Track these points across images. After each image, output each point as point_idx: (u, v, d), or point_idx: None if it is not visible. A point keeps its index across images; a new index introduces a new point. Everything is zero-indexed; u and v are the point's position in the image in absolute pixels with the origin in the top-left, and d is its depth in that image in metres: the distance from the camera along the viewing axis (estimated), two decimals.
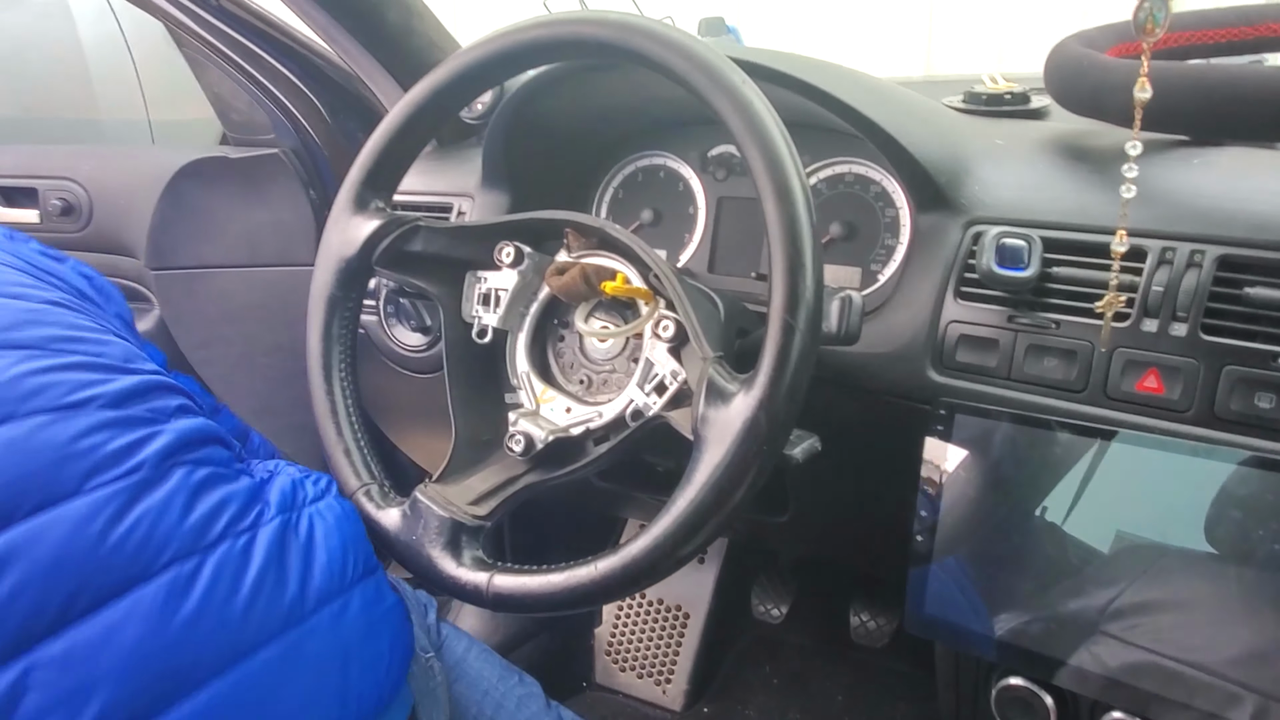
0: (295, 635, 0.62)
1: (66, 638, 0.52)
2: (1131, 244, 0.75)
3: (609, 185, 1.14)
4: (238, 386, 1.50)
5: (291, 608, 0.62)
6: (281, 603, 0.62)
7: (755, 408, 0.65)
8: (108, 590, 0.55)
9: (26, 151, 1.48)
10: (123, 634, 0.54)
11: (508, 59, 0.79)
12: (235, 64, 1.30)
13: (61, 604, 0.53)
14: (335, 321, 0.85)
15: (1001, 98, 1.03)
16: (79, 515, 0.55)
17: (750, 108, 0.69)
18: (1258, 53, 1.01)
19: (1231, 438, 0.70)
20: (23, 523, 0.54)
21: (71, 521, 0.55)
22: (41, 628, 0.52)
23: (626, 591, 0.71)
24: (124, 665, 0.53)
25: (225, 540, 0.61)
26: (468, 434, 0.84)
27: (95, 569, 0.55)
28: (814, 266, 0.66)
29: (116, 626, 0.54)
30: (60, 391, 0.60)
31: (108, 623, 0.54)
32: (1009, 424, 0.77)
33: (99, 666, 0.53)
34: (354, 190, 0.85)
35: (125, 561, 0.56)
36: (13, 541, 0.53)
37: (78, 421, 0.59)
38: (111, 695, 0.52)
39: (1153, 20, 0.61)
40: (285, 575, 0.63)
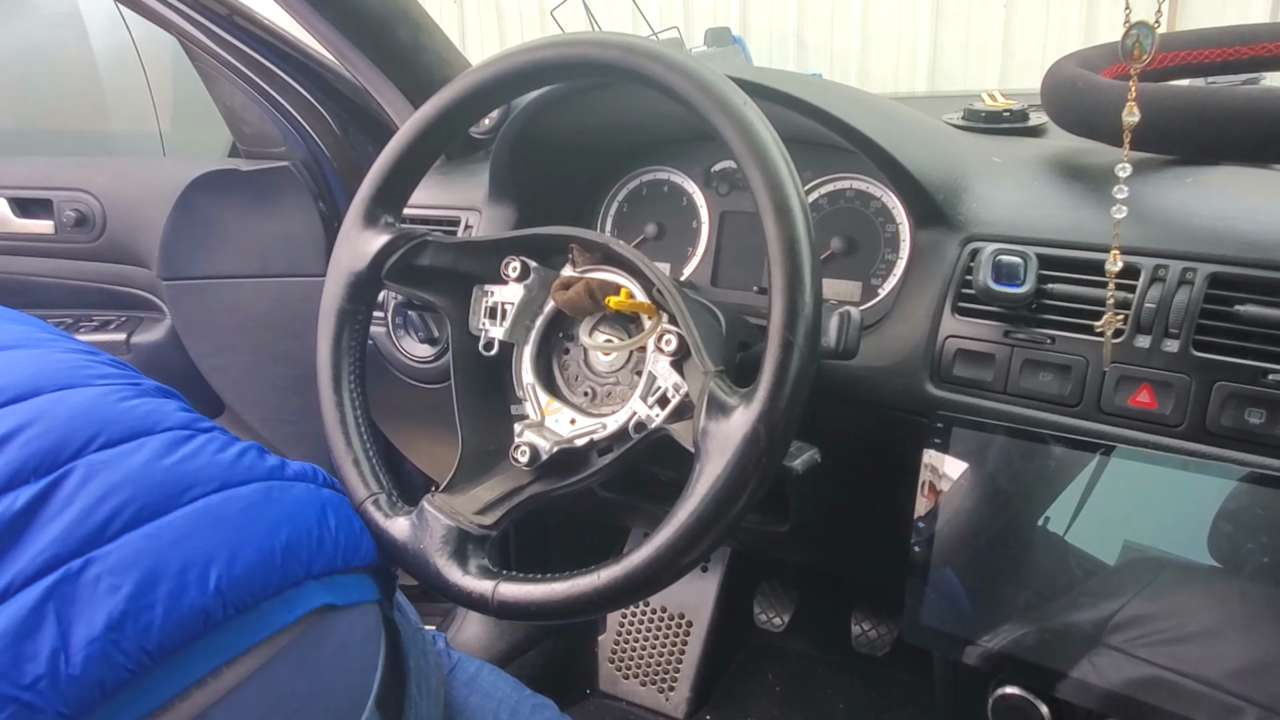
0: (276, 485, 0.72)
1: (87, 460, 0.63)
2: (1125, 262, 0.76)
3: (614, 199, 1.16)
4: (248, 394, 1.52)
5: (272, 471, 0.73)
6: (262, 466, 0.73)
7: (755, 421, 0.67)
8: (120, 436, 0.66)
9: (42, 164, 1.51)
10: (134, 459, 0.65)
11: (516, 79, 0.81)
12: (247, 78, 1.32)
13: (83, 441, 0.64)
14: (345, 333, 0.86)
15: (1000, 115, 1.05)
16: (95, 392, 0.69)
17: (751, 128, 0.71)
18: (1254, 72, 1.03)
19: (1223, 452, 0.72)
20: (48, 394, 0.67)
21: (89, 395, 0.69)
22: (68, 454, 0.63)
23: (629, 600, 0.72)
24: (136, 476, 0.64)
25: (215, 430, 0.74)
26: (474, 445, 0.86)
27: (110, 421, 0.67)
28: (812, 283, 0.68)
29: (129, 454, 0.65)
30: (88, 371, 0.73)
31: (122, 453, 0.65)
32: (1005, 437, 0.79)
33: (116, 475, 0.63)
34: (364, 206, 0.86)
35: (134, 420, 0.68)
36: (39, 405, 0.65)
37: (95, 369, 0.73)
38: (127, 495, 0.63)
39: (1140, 47, 0.62)
40: (265, 456, 0.74)
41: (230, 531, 0.65)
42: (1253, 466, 0.70)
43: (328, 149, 1.38)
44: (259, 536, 0.66)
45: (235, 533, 0.65)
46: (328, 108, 1.36)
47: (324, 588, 0.69)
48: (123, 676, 0.57)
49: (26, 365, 0.70)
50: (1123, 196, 0.65)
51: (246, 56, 1.32)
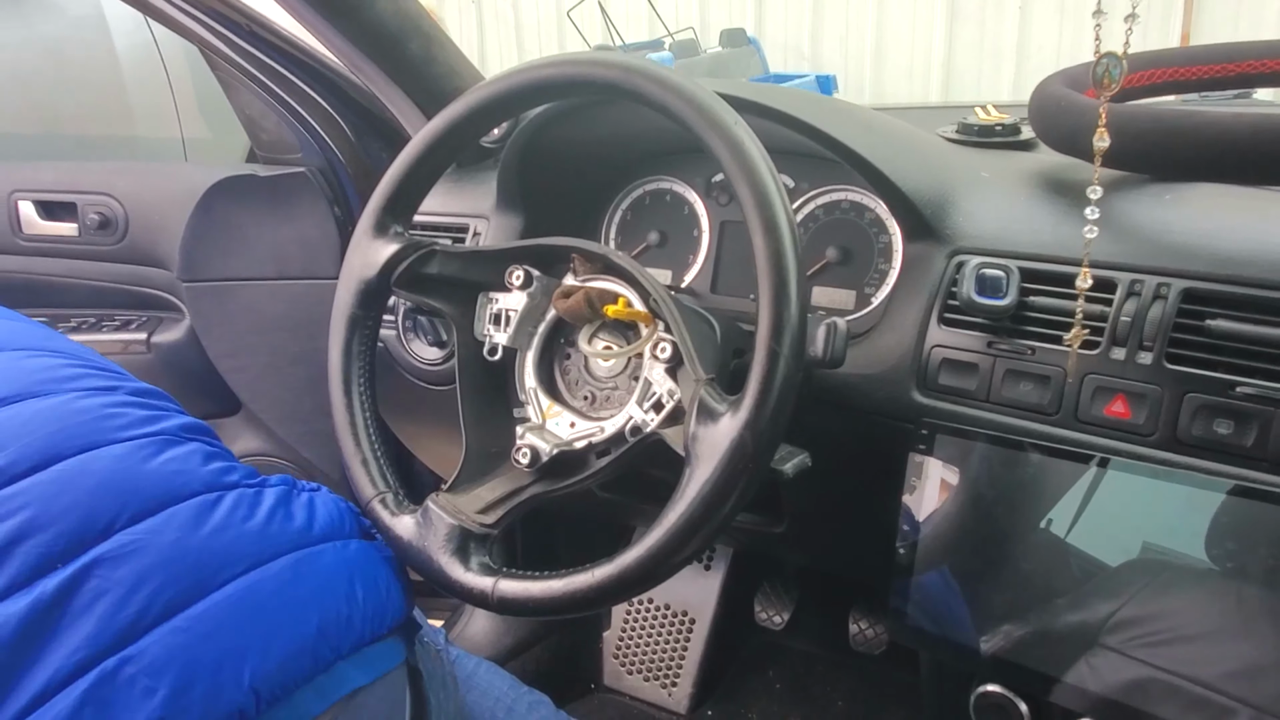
0: (305, 554, 0.72)
1: (116, 540, 0.62)
2: (1102, 276, 0.79)
3: (618, 208, 1.19)
4: (264, 394, 1.56)
5: (300, 535, 0.73)
6: (290, 529, 0.72)
7: (741, 428, 0.70)
8: (147, 508, 0.65)
9: (66, 168, 1.55)
10: (163, 537, 0.64)
11: (520, 96, 0.85)
12: (265, 86, 1.36)
13: (109, 518, 0.63)
14: (355, 339, 0.90)
15: (992, 129, 1.08)
16: (119, 453, 0.68)
17: (741, 147, 0.74)
18: (1242, 88, 1.05)
19: (1192, 461, 0.75)
20: (71, 459, 0.65)
21: (113, 457, 0.67)
22: (94, 534, 0.62)
23: (622, 597, 0.76)
24: (166, 558, 0.63)
25: (239, 487, 0.73)
26: (477, 446, 0.89)
27: (135, 491, 0.66)
28: (798, 297, 0.71)
29: (157, 530, 0.64)
30: (91, 381, 0.73)
31: (151, 529, 0.64)
32: (986, 444, 0.82)
33: (146, 558, 0.62)
34: (375, 216, 0.90)
35: (160, 487, 0.67)
36: (65, 470, 0.64)
37: (108, 397, 0.72)
38: (159, 582, 0.62)
39: (1109, 76, 0.65)
40: (292, 513, 0.74)
41: (263, 621, 0.65)
42: (1220, 475, 0.72)
43: (343, 155, 1.42)
44: (291, 624, 0.67)
45: (268, 622, 0.65)
46: (343, 115, 1.40)
47: (354, 666, 0.70)
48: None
49: (16, 376, 0.70)
50: (1094, 218, 0.68)
51: (265, 65, 1.36)
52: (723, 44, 6.32)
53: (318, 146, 1.40)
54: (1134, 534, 0.76)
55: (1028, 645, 0.82)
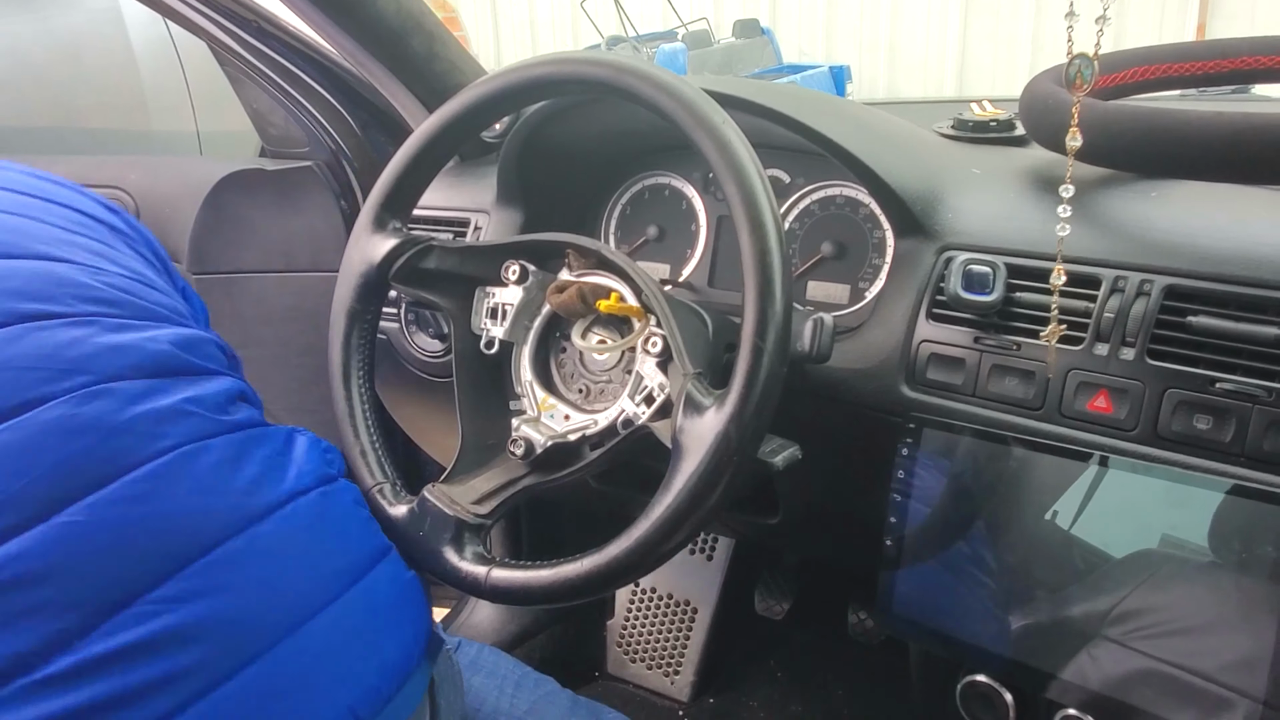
0: (364, 585, 0.71)
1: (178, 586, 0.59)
2: (1086, 271, 0.80)
3: (617, 203, 1.21)
4: (273, 385, 1.59)
5: (364, 554, 0.73)
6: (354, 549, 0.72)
7: (726, 421, 0.72)
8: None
9: (80, 162, 1.58)
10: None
11: (515, 94, 0.86)
12: (273, 82, 1.38)
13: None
14: (355, 333, 0.92)
15: (987, 125, 1.08)
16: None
17: (729, 146, 0.75)
18: (1236, 84, 1.06)
19: (1172, 455, 0.76)
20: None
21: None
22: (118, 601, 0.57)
23: (610, 587, 0.77)
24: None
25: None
26: (473, 438, 0.91)
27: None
28: (783, 293, 0.73)
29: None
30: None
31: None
32: (972, 438, 0.83)
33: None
34: (373, 212, 0.92)
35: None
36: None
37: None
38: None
39: (1081, 77, 0.66)
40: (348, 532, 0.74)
41: (343, 661, 0.66)
42: (1198, 470, 0.74)
43: (349, 149, 1.44)
44: (366, 658, 0.68)
45: (349, 662, 0.66)
46: (349, 110, 1.42)
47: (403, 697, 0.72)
48: None
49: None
50: (1065, 215, 0.69)
51: (273, 61, 1.37)
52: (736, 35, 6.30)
53: (324, 141, 1.42)
54: (1115, 527, 0.77)
55: (1013, 636, 0.83)
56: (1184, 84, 1.02)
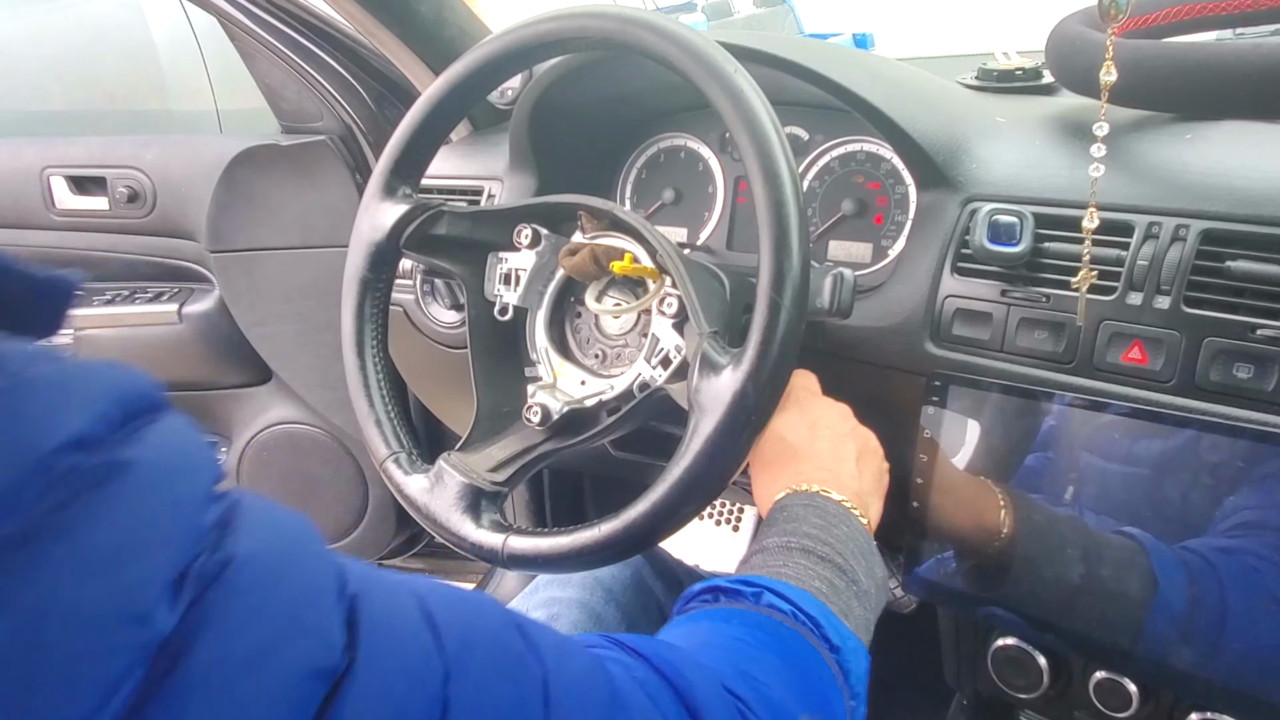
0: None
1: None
2: (1118, 218, 0.77)
3: (632, 166, 1.18)
4: (294, 362, 1.59)
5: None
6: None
7: (743, 380, 0.70)
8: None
9: (97, 143, 1.58)
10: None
11: (519, 53, 0.84)
12: (284, 55, 1.37)
13: None
14: (367, 301, 0.91)
15: (1012, 74, 1.05)
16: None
17: (741, 95, 0.73)
18: (1275, 23, 1.01)
19: (1211, 407, 0.73)
20: None
21: None
22: None
23: (629, 553, 0.76)
24: None
25: None
26: (489, 406, 0.90)
27: None
28: (799, 246, 0.70)
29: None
30: None
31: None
32: (1000, 395, 0.80)
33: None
34: (383, 179, 0.90)
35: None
36: None
37: None
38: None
39: (1116, 7, 0.63)
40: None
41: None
42: (1240, 421, 0.70)
43: (362, 122, 1.42)
44: None
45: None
46: (361, 81, 1.41)
47: None
48: None
49: None
50: (1100, 155, 0.66)
51: (283, 34, 1.36)
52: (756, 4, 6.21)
53: (337, 114, 1.41)
54: (1151, 484, 0.74)
55: (1045, 598, 0.80)
56: (1219, 24, 0.98)
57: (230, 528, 0.35)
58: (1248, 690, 0.71)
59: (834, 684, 0.60)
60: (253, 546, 0.35)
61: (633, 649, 0.54)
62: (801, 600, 0.62)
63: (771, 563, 0.67)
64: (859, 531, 0.72)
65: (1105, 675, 0.81)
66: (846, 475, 0.76)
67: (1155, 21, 0.89)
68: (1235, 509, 0.70)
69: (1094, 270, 0.71)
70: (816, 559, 0.68)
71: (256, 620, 0.34)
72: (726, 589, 0.64)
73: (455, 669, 0.40)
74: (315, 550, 0.39)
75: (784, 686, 0.56)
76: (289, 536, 0.38)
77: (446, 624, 0.42)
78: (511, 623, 0.46)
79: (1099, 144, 0.66)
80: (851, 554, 0.69)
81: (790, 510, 0.72)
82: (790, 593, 0.63)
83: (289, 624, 0.35)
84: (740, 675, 0.55)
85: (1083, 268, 0.71)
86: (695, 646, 0.59)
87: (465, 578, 1.79)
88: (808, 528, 0.69)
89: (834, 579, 0.67)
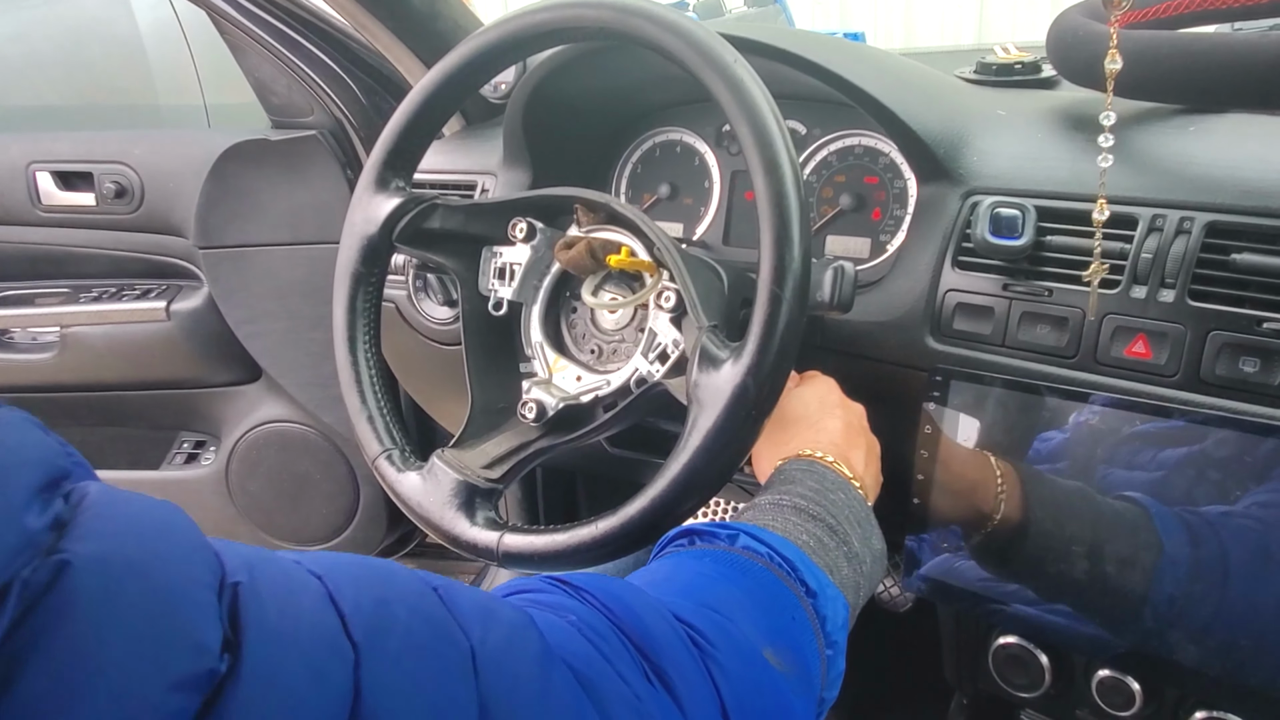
0: None
1: None
2: (1122, 211, 0.76)
3: (628, 161, 1.17)
4: (284, 360, 1.57)
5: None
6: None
7: (744, 374, 0.69)
8: None
9: (83, 138, 1.56)
10: None
11: (514, 43, 0.82)
12: (273, 48, 1.35)
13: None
14: (359, 296, 0.89)
15: (1012, 67, 1.04)
16: None
17: (741, 85, 0.71)
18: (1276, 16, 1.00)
19: (1216, 401, 0.72)
20: None
21: None
22: None
23: (626, 549, 0.74)
24: None
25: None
26: (483, 402, 0.88)
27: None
28: (800, 238, 0.69)
29: None
30: None
31: None
32: (1002, 390, 0.79)
33: None
34: (375, 171, 0.89)
35: None
36: None
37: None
38: None
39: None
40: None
41: None
42: (1246, 415, 0.69)
43: (353, 117, 1.41)
44: None
45: None
46: (352, 75, 1.39)
47: None
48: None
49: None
50: (1108, 145, 0.65)
51: (272, 27, 1.35)
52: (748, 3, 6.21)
53: (328, 108, 1.39)
54: (1156, 478, 0.73)
55: (1047, 596, 0.79)
56: (1219, 18, 0.97)
57: (70, 528, 0.31)
58: (1255, 686, 0.70)
59: (807, 627, 0.59)
60: (98, 548, 0.31)
61: (576, 586, 0.52)
62: (780, 545, 0.61)
63: (760, 517, 0.67)
64: (856, 500, 0.71)
65: (1108, 673, 0.81)
66: (853, 453, 0.76)
67: (1156, 15, 0.88)
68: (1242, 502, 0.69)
69: (1105, 264, 0.70)
70: (807, 516, 0.67)
71: (102, 633, 0.29)
72: (702, 532, 0.63)
73: (367, 652, 0.37)
74: (182, 542, 0.35)
75: (749, 621, 0.55)
76: (148, 531, 0.34)
77: (353, 603, 0.38)
78: (428, 589, 0.43)
79: (1106, 134, 0.65)
80: (846, 519, 0.68)
81: (787, 474, 0.72)
82: (769, 538, 0.62)
83: (145, 632, 0.31)
84: (700, 607, 0.53)
85: (1094, 260, 0.69)
86: (656, 582, 0.57)
87: (458, 577, 1.77)
88: (802, 489, 0.69)
89: (823, 536, 0.66)
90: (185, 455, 1.74)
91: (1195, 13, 0.95)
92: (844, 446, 0.76)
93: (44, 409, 1.57)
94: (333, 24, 1.37)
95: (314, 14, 1.36)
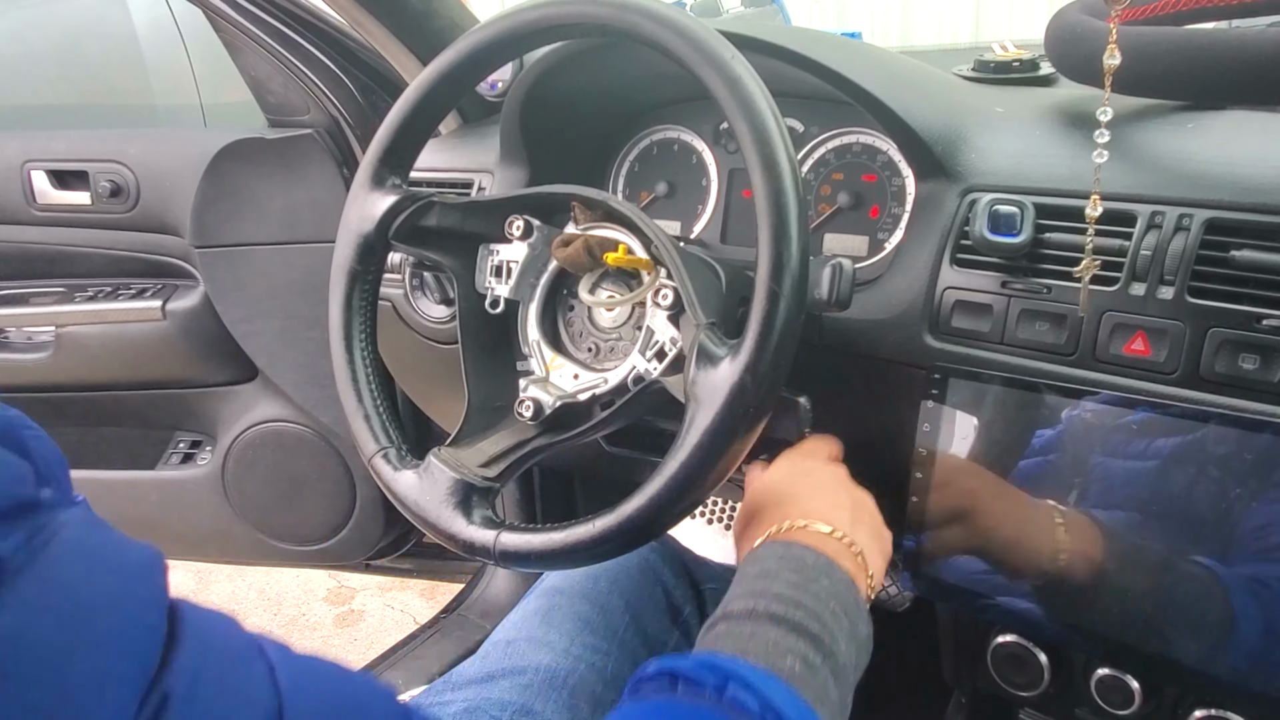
0: None
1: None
2: (1121, 208, 0.76)
3: (625, 159, 1.17)
4: (280, 359, 1.57)
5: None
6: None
7: (741, 371, 0.68)
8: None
9: (79, 136, 1.55)
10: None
11: (511, 40, 0.82)
12: (269, 47, 1.35)
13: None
14: (355, 294, 0.89)
15: (1010, 65, 1.04)
16: None
17: (739, 82, 0.71)
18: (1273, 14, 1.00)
19: (1216, 399, 0.71)
20: None
21: None
22: None
23: (624, 548, 0.74)
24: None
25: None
26: (480, 400, 0.88)
27: None
28: (799, 236, 0.69)
29: None
30: None
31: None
32: (1001, 387, 0.79)
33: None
34: (371, 169, 0.88)
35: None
36: None
37: None
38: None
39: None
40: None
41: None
42: (1245, 413, 0.69)
43: (350, 115, 1.40)
44: None
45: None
46: (348, 74, 1.39)
47: None
48: None
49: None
50: (1104, 141, 0.65)
51: (268, 25, 1.34)
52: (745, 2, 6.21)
53: (324, 107, 1.39)
54: (1155, 477, 0.73)
55: (1046, 594, 0.79)
56: (1217, 16, 0.97)
57: (6, 579, 0.27)
58: (1256, 686, 0.70)
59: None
60: (14, 622, 0.27)
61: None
62: (770, 691, 0.54)
63: (739, 642, 0.60)
64: (841, 583, 0.65)
65: (1107, 672, 0.80)
66: (835, 513, 0.71)
67: (1154, 12, 0.88)
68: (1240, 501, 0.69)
69: (1097, 260, 0.70)
70: (788, 629, 0.60)
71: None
72: (686, 675, 0.56)
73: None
74: (124, 623, 0.30)
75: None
76: (91, 603, 0.29)
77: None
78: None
79: (1102, 129, 0.64)
80: (830, 614, 0.62)
81: (763, 563, 0.66)
82: (757, 680, 0.55)
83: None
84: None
85: (1085, 257, 0.69)
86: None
87: (455, 577, 1.77)
88: (779, 586, 0.63)
89: (808, 654, 0.59)
90: (181, 455, 1.73)
91: (1194, 10, 0.95)
92: (826, 509, 0.71)
93: (39, 409, 1.57)
94: (329, 22, 1.37)
95: (310, 12, 1.36)
